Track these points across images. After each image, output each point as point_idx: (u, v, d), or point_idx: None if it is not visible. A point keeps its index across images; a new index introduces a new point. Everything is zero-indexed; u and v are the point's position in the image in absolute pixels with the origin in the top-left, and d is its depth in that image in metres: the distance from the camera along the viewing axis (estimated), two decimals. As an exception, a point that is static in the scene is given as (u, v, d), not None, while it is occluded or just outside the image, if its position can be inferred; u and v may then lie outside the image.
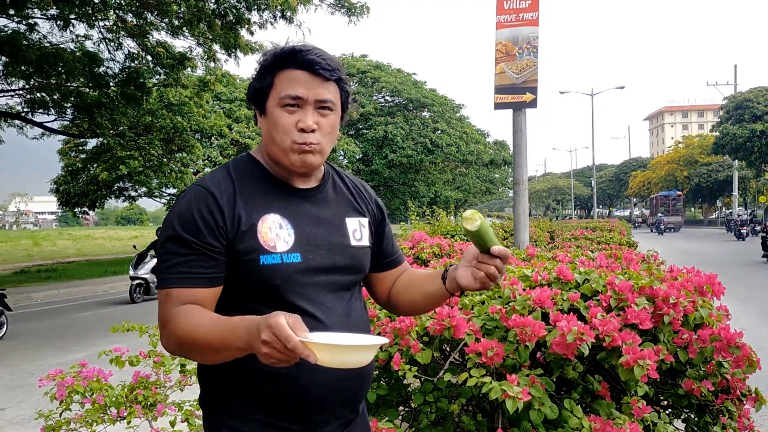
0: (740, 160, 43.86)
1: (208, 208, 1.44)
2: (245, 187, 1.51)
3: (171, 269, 1.42)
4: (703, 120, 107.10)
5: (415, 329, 2.32)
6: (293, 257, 1.47)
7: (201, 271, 1.42)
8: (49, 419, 3.01)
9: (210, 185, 1.48)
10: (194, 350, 1.37)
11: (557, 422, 2.17)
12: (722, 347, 2.20)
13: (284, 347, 1.16)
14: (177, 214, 1.45)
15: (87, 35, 15.27)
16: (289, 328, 1.16)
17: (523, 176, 7.43)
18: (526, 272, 2.74)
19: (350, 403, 1.57)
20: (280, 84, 1.48)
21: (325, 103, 1.49)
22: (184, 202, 1.47)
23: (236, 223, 1.45)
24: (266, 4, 12.53)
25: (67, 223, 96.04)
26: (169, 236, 1.44)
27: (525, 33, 7.14)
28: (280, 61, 1.48)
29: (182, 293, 1.41)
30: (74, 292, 15.44)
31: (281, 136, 1.48)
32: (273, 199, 1.52)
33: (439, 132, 34.73)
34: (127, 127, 18.51)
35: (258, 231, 1.46)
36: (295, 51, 1.47)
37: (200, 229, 1.42)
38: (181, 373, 3.23)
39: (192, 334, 1.35)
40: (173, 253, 1.43)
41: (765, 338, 7.48)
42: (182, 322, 1.37)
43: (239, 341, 1.26)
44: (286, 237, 1.48)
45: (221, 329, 1.31)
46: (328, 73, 1.48)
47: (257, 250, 1.44)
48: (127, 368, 3.18)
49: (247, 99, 1.58)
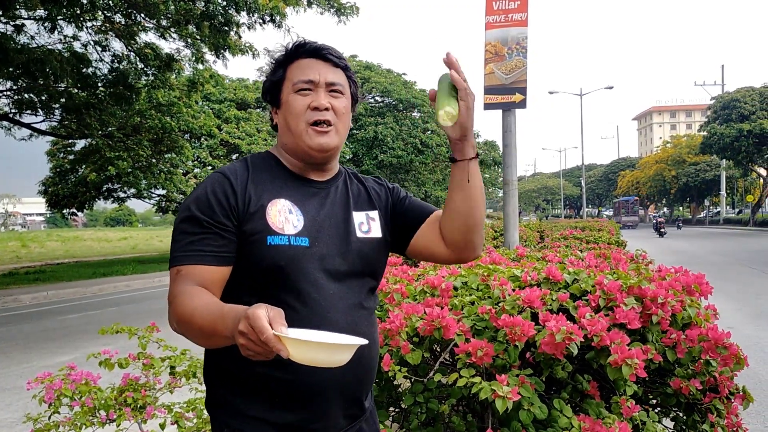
0: (728, 160, 44.20)
1: (223, 190, 1.49)
2: (259, 174, 1.57)
3: (183, 248, 1.47)
4: (691, 120, 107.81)
5: (405, 330, 2.32)
6: (301, 240, 1.50)
7: (212, 249, 1.46)
8: (37, 422, 2.99)
9: (226, 171, 1.55)
10: (190, 332, 1.39)
11: (547, 422, 2.18)
12: (710, 347, 2.22)
13: (258, 339, 1.15)
14: (194, 197, 1.51)
15: (75, 36, 15.20)
16: (265, 321, 1.15)
17: (513, 176, 7.45)
18: (515, 272, 2.75)
19: (350, 400, 1.57)
20: (292, 73, 1.58)
21: (335, 86, 1.58)
22: (201, 186, 1.53)
23: (247, 203, 1.50)
24: (255, 7, 12.49)
25: (55, 224, 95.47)
26: (184, 217, 1.49)
27: (514, 33, 7.16)
28: (290, 55, 1.60)
29: (192, 270, 1.45)
30: (63, 294, 15.33)
31: (296, 119, 1.56)
32: (285, 186, 1.57)
33: (429, 132, 34.75)
34: (116, 127, 18.44)
35: (267, 213, 1.50)
36: (303, 43, 1.60)
37: (213, 209, 1.47)
38: (171, 375, 3.22)
39: (189, 316, 1.37)
40: (187, 232, 1.48)
41: (751, 336, 7.54)
42: (185, 301, 1.39)
43: (226, 329, 1.26)
44: (295, 221, 1.52)
45: (213, 315, 1.32)
46: (336, 60, 1.60)
47: (264, 231, 1.48)
48: (116, 370, 3.16)
49: (262, 96, 1.65)
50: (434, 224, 1.71)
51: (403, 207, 1.75)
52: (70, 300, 14.59)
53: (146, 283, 17.67)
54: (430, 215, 1.73)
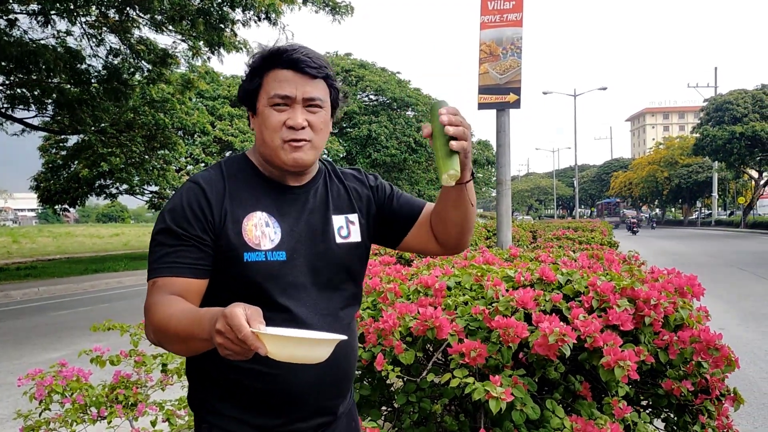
0: (720, 162, 44.38)
1: (198, 202, 1.47)
2: (235, 184, 1.53)
3: (159, 260, 1.45)
4: (684, 121, 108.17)
5: (398, 329, 2.32)
6: (278, 255, 1.48)
7: (188, 261, 1.44)
8: (28, 419, 2.98)
9: (201, 180, 1.51)
10: (166, 339, 1.38)
11: (539, 422, 2.18)
12: (702, 348, 2.23)
13: (236, 337, 1.14)
14: (169, 207, 1.49)
15: (68, 31, 15.12)
16: (243, 318, 1.14)
17: (507, 176, 7.46)
18: (509, 273, 2.75)
19: (330, 399, 1.58)
20: (269, 84, 1.49)
21: (313, 101, 1.50)
22: (176, 196, 1.50)
23: (223, 218, 1.47)
24: (252, 4, 12.45)
25: (47, 220, 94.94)
26: (160, 229, 1.47)
27: (509, 34, 7.17)
28: (267, 62, 1.50)
29: (168, 282, 1.43)
30: (54, 290, 15.25)
31: (271, 134, 1.50)
32: (262, 197, 1.54)
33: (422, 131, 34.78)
34: (109, 123, 18.35)
35: (243, 228, 1.48)
36: (281, 51, 1.48)
37: (189, 221, 1.45)
38: (163, 372, 3.21)
39: (165, 324, 1.35)
40: (163, 244, 1.46)
41: (741, 337, 7.58)
42: (160, 310, 1.37)
43: (203, 332, 1.24)
44: (272, 235, 1.50)
45: (189, 319, 1.30)
46: (315, 71, 1.49)
47: (241, 247, 1.46)
48: (107, 367, 3.16)
49: (239, 100, 1.59)
50: (425, 223, 1.70)
51: (391, 208, 1.71)
52: (61, 296, 14.53)
53: (138, 279, 17.60)
54: (421, 213, 1.71)
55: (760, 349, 7.07)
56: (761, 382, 5.75)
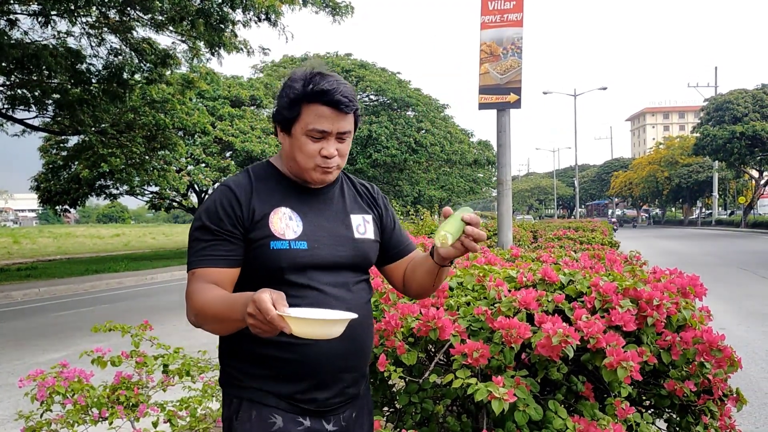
0: (720, 161, 44.39)
1: (229, 201, 1.69)
2: (261, 185, 1.75)
3: (198, 253, 1.67)
4: (684, 121, 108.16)
5: (400, 330, 2.32)
6: (300, 244, 1.69)
7: (222, 253, 1.66)
8: (29, 420, 2.98)
9: (231, 184, 1.73)
10: (206, 321, 1.60)
11: (542, 423, 2.18)
12: (704, 349, 2.22)
13: (264, 319, 1.35)
14: (204, 208, 1.71)
15: (69, 31, 15.11)
16: (269, 303, 1.35)
17: (507, 176, 7.47)
18: (511, 273, 2.75)
19: (346, 376, 1.75)
20: (308, 116, 1.67)
21: (344, 134, 1.71)
22: (210, 199, 1.73)
23: (251, 214, 1.69)
24: (251, 5, 12.45)
25: (47, 220, 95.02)
26: (197, 227, 1.70)
27: (509, 34, 7.17)
28: (309, 97, 1.66)
29: (206, 272, 1.65)
30: (55, 290, 15.25)
31: (306, 159, 1.70)
32: (286, 195, 1.75)
33: (423, 131, 34.77)
34: (109, 124, 18.35)
35: (270, 221, 1.69)
36: (324, 91, 1.64)
37: (221, 218, 1.67)
38: (164, 373, 3.21)
39: (204, 308, 1.58)
40: (200, 240, 1.68)
41: (743, 338, 7.57)
42: (200, 296, 1.60)
43: (236, 314, 1.46)
44: (295, 227, 1.71)
45: (225, 303, 1.54)
46: (349, 109, 1.68)
47: (268, 237, 1.67)
48: (108, 368, 3.15)
49: (274, 119, 1.76)
50: (403, 266, 1.95)
51: (388, 237, 1.94)
52: (62, 297, 14.53)
53: (139, 280, 17.61)
54: (406, 256, 1.96)
55: (762, 348, 7.06)
56: (762, 382, 5.75)
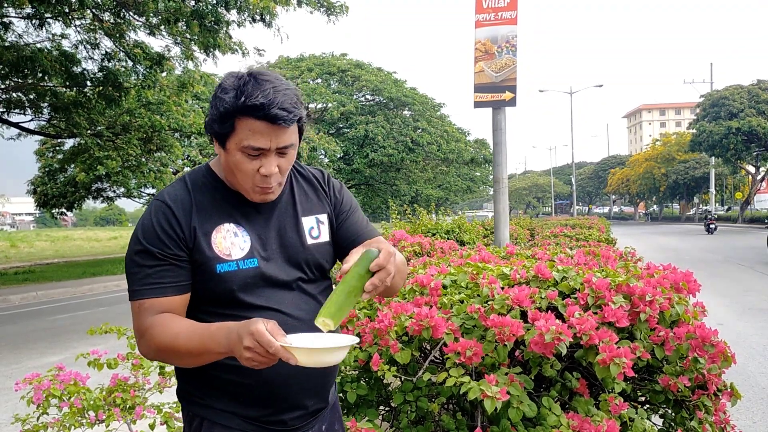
0: (717, 157, 44.42)
1: (167, 221, 1.50)
2: (201, 197, 1.56)
3: (141, 281, 1.49)
4: (681, 117, 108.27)
5: (394, 329, 2.32)
6: (250, 263, 1.53)
7: (170, 280, 1.49)
8: (26, 423, 2.97)
9: (167, 198, 1.54)
10: (174, 356, 1.46)
11: (536, 420, 2.18)
12: (698, 344, 2.23)
13: (266, 352, 1.26)
14: (140, 228, 1.52)
15: (63, 34, 15.08)
16: (269, 334, 1.25)
17: (504, 174, 7.47)
18: (504, 270, 2.75)
19: (314, 394, 1.62)
20: (242, 132, 1.44)
21: (286, 148, 1.49)
22: (146, 216, 1.54)
23: (192, 233, 1.51)
24: (246, 6, 12.43)
25: (44, 224, 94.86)
26: (136, 250, 1.50)
27: (504, 32, 7.17)
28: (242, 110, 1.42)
29: (155, 303, 1.48)
30: (52, 294, 15.23)
31: (243, 176, 1.50)
32: (228, 209, 1.56)
33: (419, 131, 34.75)
34: (105, 126, 18.31)
35: (212, 241, 1.52)
36: (258, 106, 1.41)
37: (163, 241, 1.49)
38: (160, 375, 3.20)
39: (171, 342, 1.42)
40: (141, 265, 1.49)
41: (740, 332, 7.59)
42: (160, 330, 1.44)
43: (219, 347, 1.35)
44: (241, 244, 1.54)
45: (199, 336, 1.40)
46: (289, 122, 1.45)
47: (213, 260, 1.50)
48: (105, 371, 3.15)
49: (206, 130, 1.53)
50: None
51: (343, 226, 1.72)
52: (59, 300, 14.51)
53: (136, 282, 17.56)
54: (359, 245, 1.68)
55: (758, 344, 7.08)
56: (760, 377, 5.76)
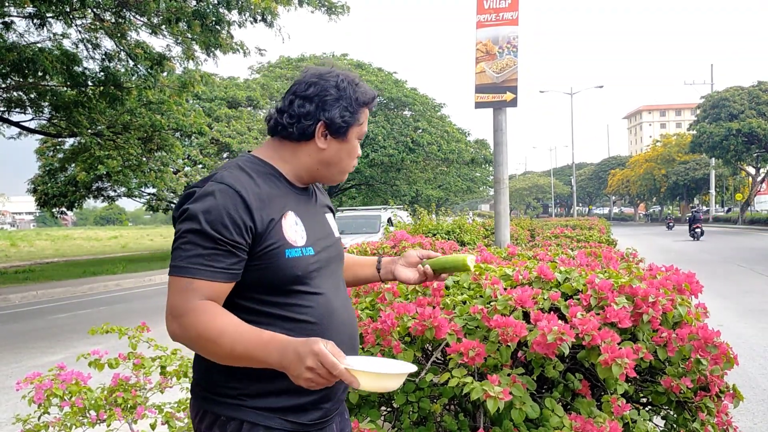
0: (717, 158, 44.44)
1: (235, 207, 1.49)
2: (265, 187, 1.60)
3: (192, 259, 1.47)
4: (681, 119, 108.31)
5: (396, 330, 2.32)
6: (308, 251, 1.62)
7: (223, 266, 1.48)
8: (27, 423, 2.97)
9: (235, 184, 1.53)
10: (210, 350, 1.46)
11: (538, 421, 2.18)
12: (700, 346, 2.23)
13: (328, 373, 1.29)
14: (203, 208, 1.48)
15: (65, 34, 15.07)
16: (332, 357, 1.29)
17: (504, 175, 7.47)
18: (507, 271, 2.75)
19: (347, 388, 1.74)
20: (364, 123, 1.71)
21: None
22: (210, 199, 1.50)
23: (263, 221, 1.53)
24: (247, 6, 12.43)
25: (45, 223, 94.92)
26: (193, 228, 1.48)
27: (505, 32, 7.17)
28: (364, 103, 1.69)
29: (203, 285, 1.47)
30: (52, 293, 15.22)
31: (350, 161, 1.73)
32: (287, 198, 1.64)
33: (420, 131, 34.75)
34: (105, 125, 18.30)
35: (282, 227, 1.57)
36: (373, 99, 1.71)
37: (227, 226, 1.48)
38: (161, 375, 3.20)
39: (216, 335, 1.43)
40: (196, 244, 1.47)
41: (740, 334, 7.58)
42: (206, 320, 1.44)
43: (268, 358, 1.38)
44: (301, 233, 1.62)
45: (248, 341, 1.41)
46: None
47: (282, 245, 1.56)
48: (106, 370, 3.15)
49: (329, 126, 1.64)
50: None
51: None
52: (59, 299, 14.51)
53: (137, 282, 17.59)
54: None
55: (759, 345, 7.07)
56: (760, 378, 5.76)
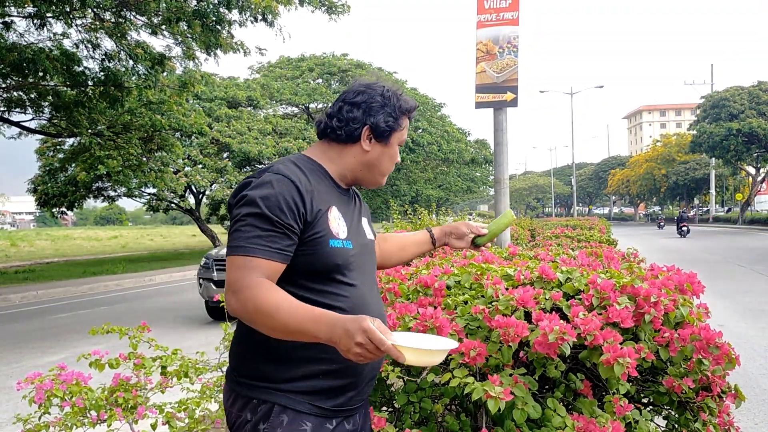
0: (717, 158, 44.44)
1: (291, 194, 1.65)
2: (314, 181, 1.75)
3: (253, 240, 1.61)
4: (681, 119, 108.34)
5: (398, 330, 2.31)
6: (348, 244, 1.76)
7: (279, 247, 1.62)
8: (27, 423, 2.97)
9: (291, 175, 1.69)
10: (267, 323, 1.55)
11: (540, 421, 2.18)
12: (702, 346, 2.22)
13: (376, 349, 1.37)
14: (261, 196, 1.64)
15: (65, 33, 15.06)
16: (380, 334, 1.37)
17: (505, 175, 7.45)
18: (508, 271, 2.74)
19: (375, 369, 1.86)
20: (404, 130, 1.90)
21: None
22: (268, 186, 1.66)
23: (312, 209, 1.68)
24: (248, 6, 12.43)
25: (45, 223, 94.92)
26: (253, 212, 1.63)
27: (505, 32, 7.16)
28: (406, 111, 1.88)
29: (262, 263, 1.60)
30: (53, 293, 15.24)
31: (390, 165, 1.90)
32: (331, 194, 1.80)
33: (420, 131, 34.74)
34: (106, 125, 18.29)
35: (328, 219, 1.72)
36: (413, 108, 1.91)
37: (283, 210, 1.63)
38: (162, 375, 3.20)
39: (273, 309, 1.53)
40: (255, 226, 1.62)
41: (743, 335, 7.58)
42: (264, 294, 1.55)
43: (319, 332, 1.47)
44: (343, 227, 1.77)
45: (302, 315, 1.51)
46: None
47: (327, 235, 1.71)
48: (106, 370, 3.14)
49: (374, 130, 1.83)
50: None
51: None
52: (60, 299, 14.51)
53: (137, 282, 17.60)
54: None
55: (760, 345, 7.07)
56: (761, 378, 5.76)
